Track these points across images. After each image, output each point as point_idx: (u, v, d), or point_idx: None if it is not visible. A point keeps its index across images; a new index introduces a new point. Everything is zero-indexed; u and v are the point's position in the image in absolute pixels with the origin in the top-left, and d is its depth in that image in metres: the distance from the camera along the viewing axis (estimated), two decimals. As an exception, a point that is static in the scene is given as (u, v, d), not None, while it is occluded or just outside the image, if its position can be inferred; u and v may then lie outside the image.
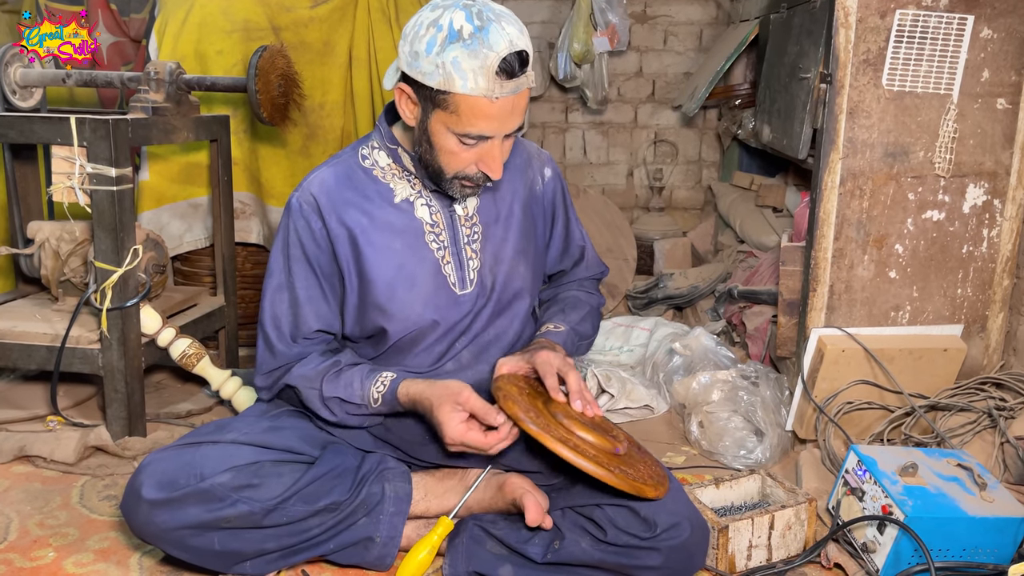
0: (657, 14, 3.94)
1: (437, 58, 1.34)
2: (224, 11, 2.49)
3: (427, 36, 1.35)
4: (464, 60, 1.33)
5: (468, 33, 1.33)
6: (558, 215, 1.73)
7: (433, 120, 1.40)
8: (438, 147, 1.43)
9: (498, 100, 1.35)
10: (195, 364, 2.07)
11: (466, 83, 1.33)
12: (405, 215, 1.54)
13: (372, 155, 1.56)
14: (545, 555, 1.39)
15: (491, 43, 1.33)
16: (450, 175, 1.46)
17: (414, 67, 1.37)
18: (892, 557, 1.46)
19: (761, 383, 2.04)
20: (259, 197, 2.62)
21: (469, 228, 1.57)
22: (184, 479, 1.36)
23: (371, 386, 1.47)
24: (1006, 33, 1.88)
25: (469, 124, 1.38)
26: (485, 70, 1.33)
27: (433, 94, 1.37)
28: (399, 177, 1.55)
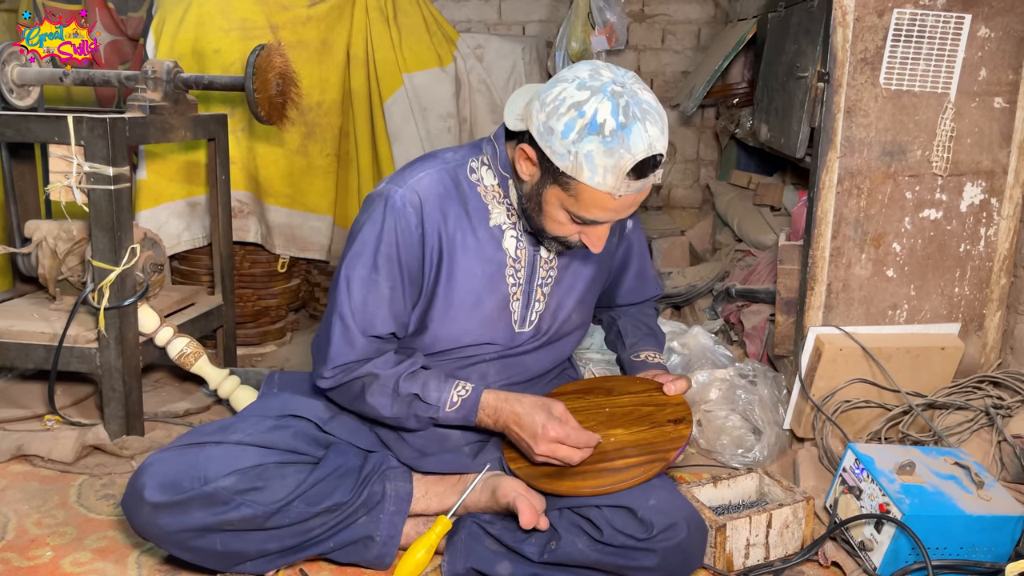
0: (655, 13, 3.94)
1: (573, 146, 1.31)
2: (222, 10, 2.49)
3: (566, 117, 1.31)
4: (598, 156, 1.30)
5: (610, 130, 1.29)
6: (631, 262, 1.79)
7: (549, 192, 1.39)
8: (546, 214, 1.43)
9: (621, 197, 1.34)
10: (193, 363, 2.07)
11: (594, 177, 1.31)
12: (494, 242, 1.52)
13: (480, 170, 1.53)
14: (541, 555, 1.40)
15: (630, 145, 1.29)
16: (550, 236, 1.47)
17: (545, 140, 1.34)
18: (890, 555, 1.46)
19: (759, 382, 2.05)
20: (257, 196, 2.62)
21: (546, 271, 1.58)
22: (188, 482, 1.35)
23: (451, 389, 1.47)
24: (1003, 32, 1.88)
25: (586, 211, 1.37)
26: (617, 170, 1.30)
27: (557, 172, 1.35)
28: (499, 201, 1.53)
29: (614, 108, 1.29)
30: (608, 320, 1.87)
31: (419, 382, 1.47)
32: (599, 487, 1.39)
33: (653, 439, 1.46)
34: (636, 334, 1.79)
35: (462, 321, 1.52)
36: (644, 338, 1.79)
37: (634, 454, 1.43)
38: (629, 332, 1.80)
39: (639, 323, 1.83)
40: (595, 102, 1.30)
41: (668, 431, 1.47)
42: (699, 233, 3.73)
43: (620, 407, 1.55)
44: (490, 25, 3.94)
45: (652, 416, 1.52)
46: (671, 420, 1.50)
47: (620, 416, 1.53)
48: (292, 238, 2.72)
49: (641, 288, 1.84)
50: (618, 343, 1.82)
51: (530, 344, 1.61)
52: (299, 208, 2.69)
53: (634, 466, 1.41)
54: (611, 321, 1.86)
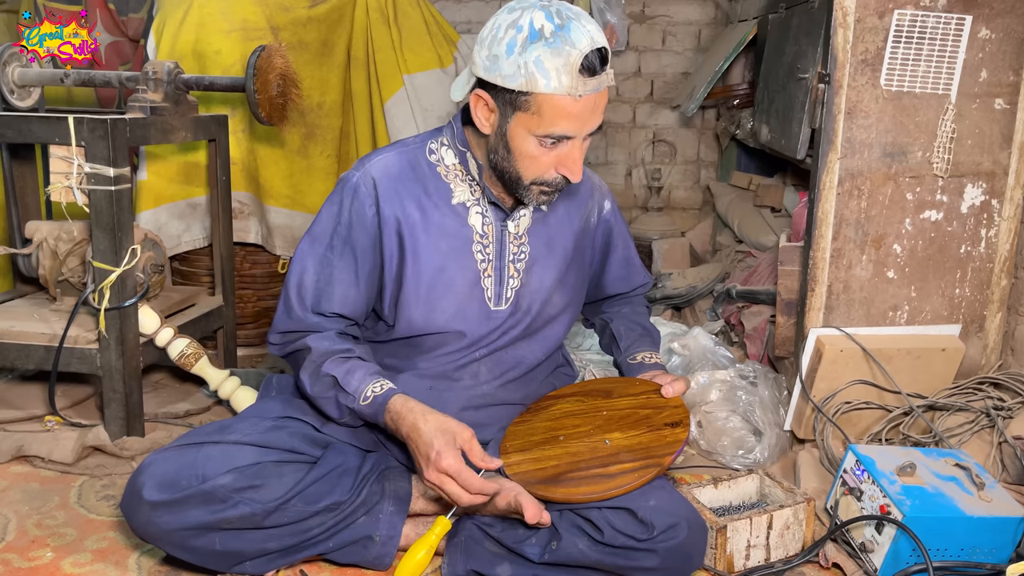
0: (656, 14, 3.94)
1: (519, 59, 1.33)
2: (222, 11, 2.49)
3: (506, 38, 1.35)
4: (547, 59, 1.32)
5: (550, 32, 1.32)
6: (615, 246, 1.77)
7: (513, 124, 1.40)
8: (517, 152, 1.42)
9: (581, 98, 1.35)
10: (193, 364, 2.07)
11: (549, 82, 1.33)
12: (458, 219, 1.54)
13: (440, 151, 1.56)
14: (542, 555, 1.39)
15: (573, 40, 1.33)
16: (528, 181, 1.46)
17: (493, 71, 1.37)
18: (890, 557, 1.46)
19: (759, 383, 2.04)
20: (257, 197, 2.62)
21: (517, 247, 1.58)
22: (186, 480, 1.36)
23: (369, 384, 1.46)
24: (1004, 33, 1.88)
25: (551, 124, 1.37)
26: (568, 68, 1.32)
27: (514, 97, 1.37)
28: (461, 179, 1.55)
29: (547, 14, 1.34)
30: (601, 324, 1.87)
31: (344, 367, 1.46)
32: (592, 493, 1.39)
33: (649, 443, 1.46)
34: (630, 336, 1.79)
35: (434, 300, 1.52)
36: (639, 339, 1.79)
37: (629, 459, 1.43)
38: (623, 334, 1.80)
39: (632, 324, 1.82)
40: (528, 15, 1.34)
41: (665, 435, 1.47)
42: (699, 234, 3.73)
43: (618, 410, 1.55)
44: (490, 26, 3.93)
45: (649, 419, 1.51)
46: (668, 423, 1.49)
47: (618, 419, 1.53)
48: (293, 239, 2.71)
49: (628, 276, 1.83)
50: (613, 346, 1.82)
51: (515, 330, 1.60)
52: (300, 209, 2.69)
53: (629, 471, 1.40)
54: (604, 324, 1.85)
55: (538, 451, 1.52)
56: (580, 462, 1.46)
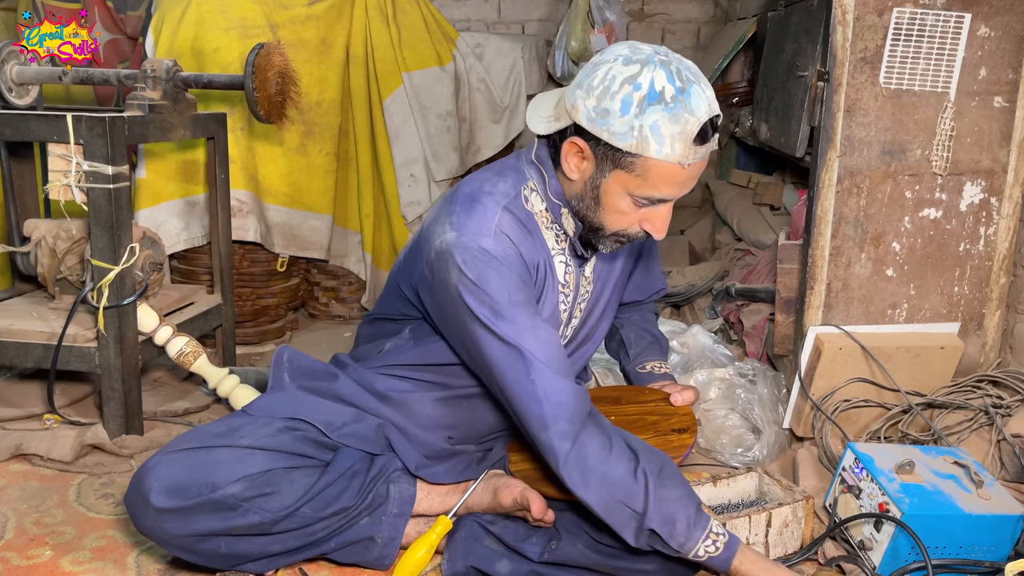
0: (655, 12, 3.94)
1: (635, 120, 1.25)
2: (221, 8, 2.49)
3: (621, 94, 1.26)
4: (664, 125, 1.25)
5: (671, 96, 1.25)
6: (643, 255, 1.74)
7: (610, 180, 1.33)
8: (606, 206, 1.36)
9: (689, 167, 1.29)
10: (192, 362, 2.07)
11: (662, 149, 1.26)
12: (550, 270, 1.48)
13: (531, 198, 1.44)
14: (542, 554, 1.40)
15: (693, 108, 1.26)
16: (610, 232, 1.40)
17: (600, 125, 1.28)
18: (889, 554, 1.46)
19: (758, 381, 2.05)
20: (256, 195, 2.62)
21: (585, 289, 1.55)
22: (196, 488, 1.33)
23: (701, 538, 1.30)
24: (1003, 31, 1.88)
25: (653, 188, 1.31)
26: (684, 136, 1.26)
27: (619, 155, 1.29)
28: (547, 226, 1.46)
29: (668, 75, 1.26)
30: (610, 329, 1.83)
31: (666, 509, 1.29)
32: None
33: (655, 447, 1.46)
34: (640, 343, 1.76)
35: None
36: (648, 347, 1.77)
37: None
38: (633, 342, 1.77)
39: (642, 331, 1.80)
40: (648, 72, 1.26)
41: (671, 440, 1.47)
42: (699, 232, 3.73)
43: (626, 416, 1.55)
44: (489, 24, 3.94)
45: (657, 425, 1.52)
46: (675, 430, 1.49)
47: (626, 425, 1.52)
48: (291, 237, 2.71)
49: (647, 283, 1.81)
50: (621, 352, 1.80)
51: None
52: (298, 207, 2.69)
53: None
54: (613, 330, 1.83)
55: None
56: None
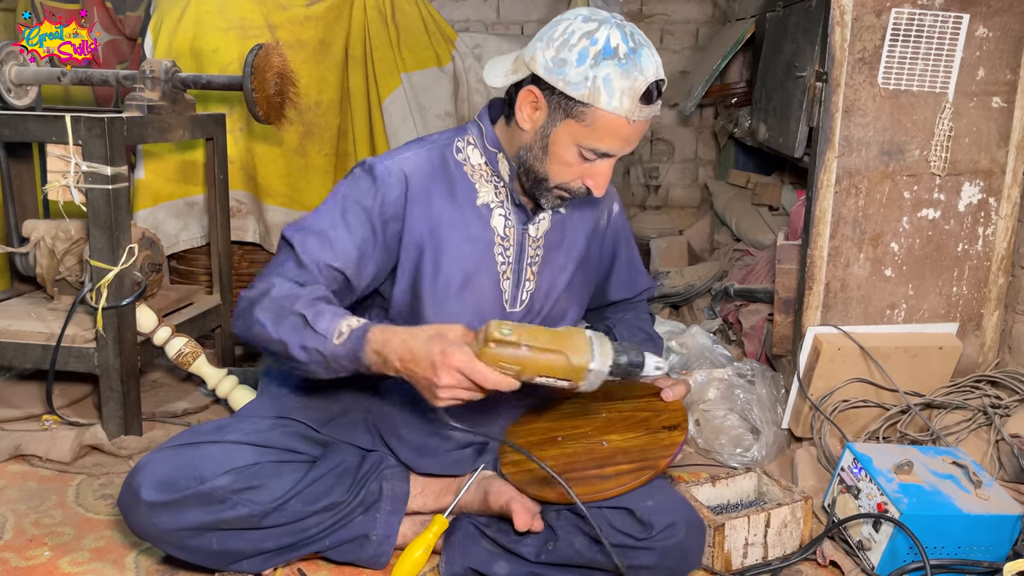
0: (653, 12, 3.94)
1: (589, 71, 1.34)
2: (220, 9, 2.48)
3: (579, 46, 1.35)
4: (616, 78, 1.34)
5: (624, 53, 1.34)
6: (620, 249, 1.77)
7: (560, 129, 1.40)
8: (553, 155, 1.43)
9: (634, 123, 1.37)
10: (191, 363, 2.07)
11: (611, 101, 1.34)
12: (481, 221, 1.52)
13: (466, 150, 1.54)
14: (539, 555, 1.40)
15: (643, 67, 1.35)
16: (553, 184, 1.46)
17: (557, 74, 1.36)
18: (888, 555, 1.46)
19: (757, 381, 2.05)
20: (255, 196, 2.62)
21: (534, 250, 1.57)
22: (184, 481, 1.35)
23: (343, 320, 1.31)
24: (1001, 31, 1.88)
25: (599, 140, 1.39)
26: (632, 92, 1.34)
27: (571, 104, 1.37)
28: (486, 180, 1.53)
29: (623, 35, 1.35)
30: (604, 329, 1.84)
31: (314, 309, 1.32)
32: (586, 494, 1.38)
33: (645, 446, 1.46)
34: (633, 341, 1.77)
35: (452, 302, 1.51)
36: (642, 344, 1.77)
37: (625, 461, 1.43)
38: (626, 339, 1.78)
39: (636, 329, 1.81)
40: (605, 30, 1.35)
41: (661, 438, 1.47)
42: (697, 233, 3.73)
43: (617, 412, 1.55)
44: (488, 24, 3.94)
45: (648, 422, 1.51)
46: (666, 426, 1.49)
47: (616, 421, 1.52)
48: (290, 238, 2.71)
49: (633, 280, 1.83)
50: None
51: None
52: (297, 207, 2.69)
53: (625, 473, 1.40)
54: (607, 330, 1.83)
55: (536, 451, 1.52)
56: (576, 463, 1.46)
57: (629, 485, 1.38)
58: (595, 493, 1.38)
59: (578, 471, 1.44)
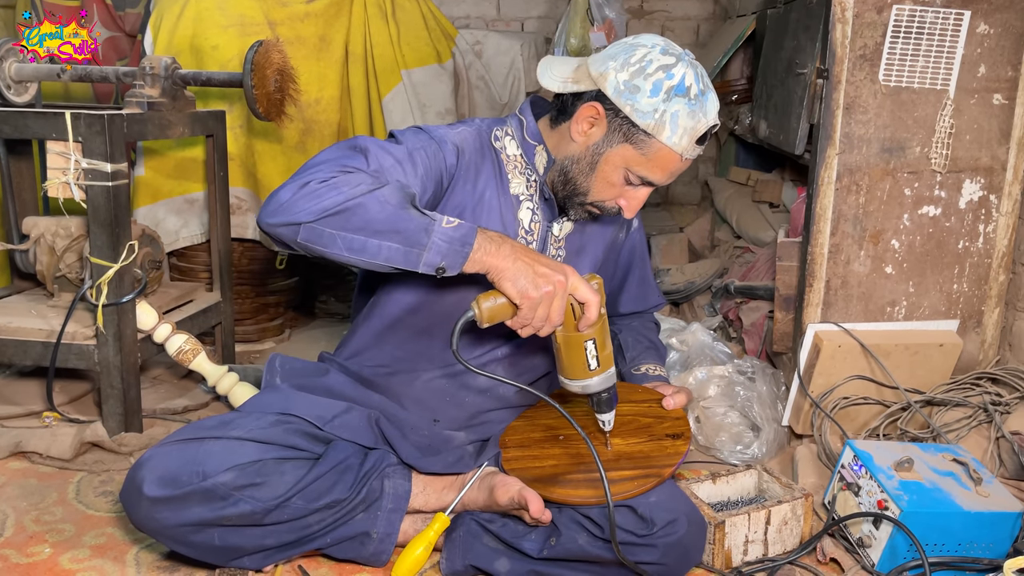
0: (654, 9, 3.94)
1: (662, 104, 1.38)
2: (220, 6, 2.48)
3: (655, 77, 1.38)
4: (683, 117, 1.38)
5: (694, 94, 1.39)
6: (635, 265, 1.81)
7: (614, 151, 1.44)
8: (600, 174, 1.47)
9: (684, 160, 1.43)
10: (191, 360, 2.07)
11: (672, 136, 1.39)
12: (511, 210, 1.55)
13: (503, 140, 1.57)
14: (541, 550, 1.40)
15: (707, 110, 1.41)
16: (590, 200, 1.50)
17: (626, 98, 1.40)
18: (888, 552, 1.46)
19: (758, 378, 2.05)
20: (255, 192, 2.62)
21: (556, 250, 1.60)
22: (186, 477, 1.35)
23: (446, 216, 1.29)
24: (1003, 28, 1.88)
25: (650, 170, 1.44)
26: (693, 132, 1.40)
27: (633, 131, 1.41)
28: (520, 171, 1.56)
29: (696, 76, 1.41)
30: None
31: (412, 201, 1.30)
32: (591, 498, 1.39)
33: (650, 452, 1.46)
34: (637, 347, 1.80)
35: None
36: (645, 351, 1.79)
37: (630, 467, 1.43)
38: (630, 346, 1.81)
39: (640, 336, 1.83)
40: (681, 68, 1.39)
41: (666, 446, 1.47)
42: (698, 230, 3.73)
43: (619, 415, 1.55)
44: (489, 21, 3.93)
45: (651, 428, 1.52)
46: (669, 435, 1.49)
47: (619, 425, 1.52)
48: (290, 235, 2.71)
49: (644, 296, 1.86)
50: (618, 357, 1.80)
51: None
52: (297, 205, 2.69)
53: (628, 479, 1.40)
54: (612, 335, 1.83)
55: (537, 448, 1.52)
56: (580, 464, 1.46)
57: (633, 492, 1.38)
58: (600, 497, 1.38)
59: (583, 472, 1.44)
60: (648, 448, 1.47)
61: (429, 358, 1.59)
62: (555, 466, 1.47)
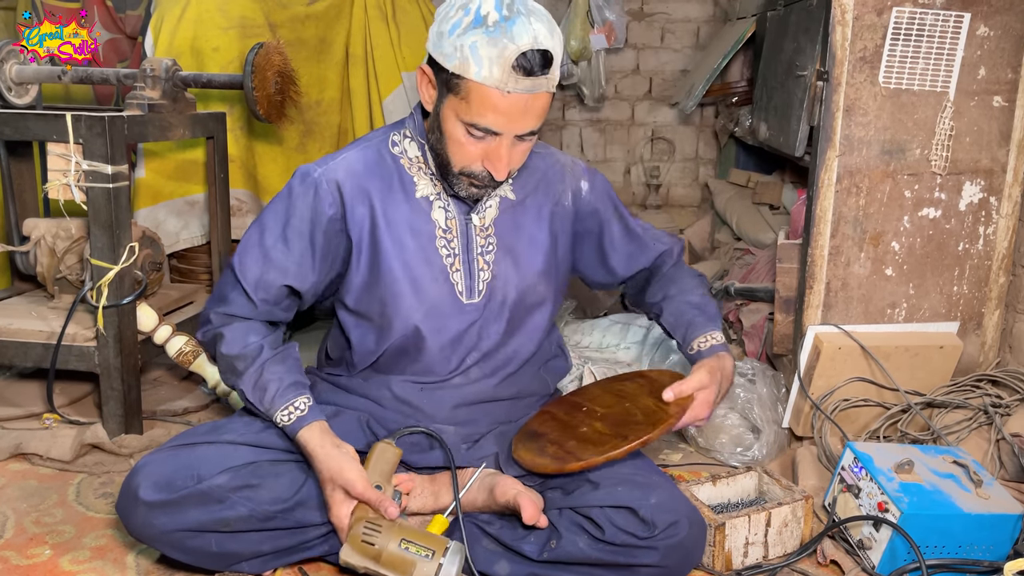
0: (654, 11, 3.94)
1: (457, 40, 1.33)
2: (220, 7, 2.48)
3: (454, 18, 1.35)
4: (482, 47, 1.31)
5: (493, 21, 1.32)
6: (607, 222, 1.69)
7: (446, 106, 1.39)
8: (447, 135, 1.42)
9: (510, 95, 1.33)
10: (191, 361, 2.07)
11: (480, 70, 1.32)
12: (422, 214, 1.52)
13: (402, 143, 1.55)
14: (541, 553, 1.39)
15: (514, 35, 1.31)
16: (456, 169, 1.45)
17: (436, 48, 1.37)
18: (888, 554, 1.46)
19: (758, 380, 2.05)
20: (255, 194, 2.62)
21: (484, 239, 1.56)
22: (181, 481, 1.35)
23: (281, 407, 1.43)
24: (1003, 31, 1.88)
25: (478, 114, 1.36)
26: (502, 61, 1.31)
27: (448, 77, 1.36)
28: (424, 172, 1.54)
29: (498, 3, 1.33)
30: (655, 317, 1.74)
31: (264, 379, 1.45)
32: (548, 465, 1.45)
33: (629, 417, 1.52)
34: (681, 323, 1.66)
35: (404, 299, 1.51)
36: (690, 324, 1.64)
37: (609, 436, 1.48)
38: (675, 326, 1.67)
39: (681, 306, 1.67)
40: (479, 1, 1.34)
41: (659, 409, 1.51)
42: (698, 231, 3.73)
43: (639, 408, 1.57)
44: (489, 23, 3.93)
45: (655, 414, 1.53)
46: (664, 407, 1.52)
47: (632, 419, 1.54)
48: (291, 236, 2.71)
49: (641, 247, 1.73)
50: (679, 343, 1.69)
51: (494, 324, 1.57)
52: (298, 206, 2.69)
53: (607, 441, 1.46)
54: (656, 318, 1.74)
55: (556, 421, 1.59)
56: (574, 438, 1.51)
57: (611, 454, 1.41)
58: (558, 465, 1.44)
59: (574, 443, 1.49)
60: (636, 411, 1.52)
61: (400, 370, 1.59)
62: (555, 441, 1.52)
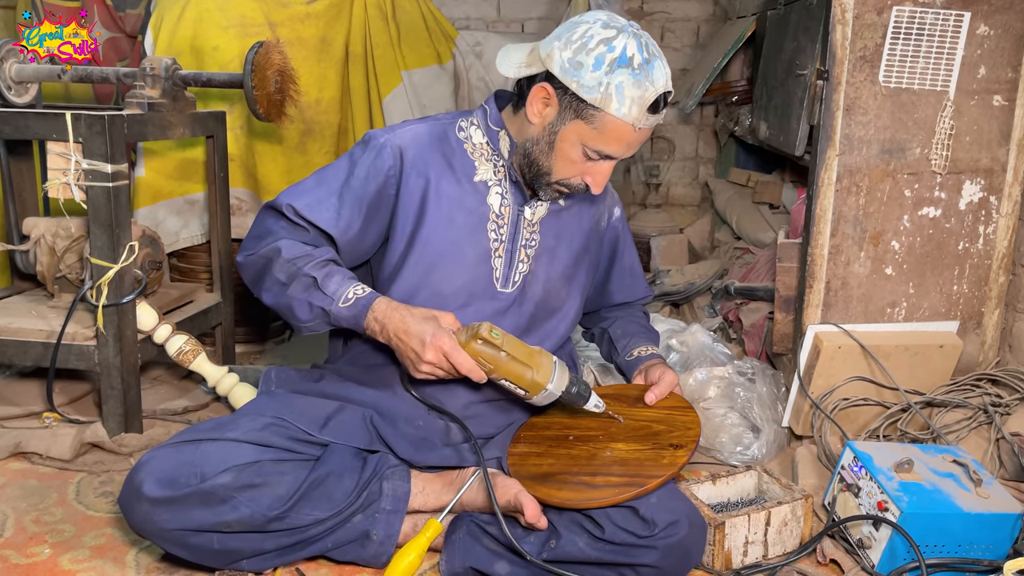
0: (654, 10, 3.94)
1: (604, 77, 1.40)
2: (220, 7, 2.48)
3: (596, 51, 1.41)
4: (628, 87, 1.40)
5: (638, 63, 1.41)
6: (622, 254, 1.84)
7: (568, 128, 1.47)
8: (559, 152, 1.50)
9: (639, 130, 1.45)
10: (191, 361, 2.07)
11: (621, 108, 1.41)
12: (478, 196, 1.58)
13: (468, 129, 1.62)
14: (540, 553, 1.39)
15: (654, 78, 1.42)
16: (555, 179, 1.53)
17: (571, 76, 1.43)
18: (888, 553, 1.46)
19: (758, 379, 2.05)
20: (255, 193, 2.62)
21: (529, 233, 1.62)
22: (185, 478, 1.34)
23: (350, 287, 1.47)
24: (1003, 30, 1.88)
25: (605, 144, 1.46)
26: (642, 101, 1.41)
27: (582, 106, 1.44)
28: (486, 158, 1.60)
29: (639, 45, 1.42)
30: (599, 332, 1.91)
31: (323, 270, 1.48)
32: (568, 500, 1.40)
33: (644, 460, 1.45)
34: (627, 335, 1.83)
35: (441, 269, 1.56)
36: (635, 337, 1.82)
37: (618, 473, 1.43)
38: (620, 335, 1.84)
39: (629, 323, 1.86)
40: (623, 39, 1.42)
41: (664, 455, 1.46)
42: (698, 231, 3.73)
43: (635, 420, 1.56)
44: (489, 22, 3.93)
45: (659, 436, 1.51)
46: (672, 444, 1.49)
47: (632, 430, 1.53)
48: (291, 235, 2.71)
49: (633, 285, 1.89)
50: (612, 351, 1.85)
51: (519, 317, 1.62)
52: (298, 205, 2.69)
53: (611, 486, 1.40)
54: (602, 332, 1.89)
55: (545, 446, 1.53)
56: (572, 467, 1.46)
57: (610, 500, 1.38)
58: (578, 501, 1.39)
59: (572, 474, 1.44)
60: (645, 456, 1.46)
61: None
62: (552, 465, 1.47)
